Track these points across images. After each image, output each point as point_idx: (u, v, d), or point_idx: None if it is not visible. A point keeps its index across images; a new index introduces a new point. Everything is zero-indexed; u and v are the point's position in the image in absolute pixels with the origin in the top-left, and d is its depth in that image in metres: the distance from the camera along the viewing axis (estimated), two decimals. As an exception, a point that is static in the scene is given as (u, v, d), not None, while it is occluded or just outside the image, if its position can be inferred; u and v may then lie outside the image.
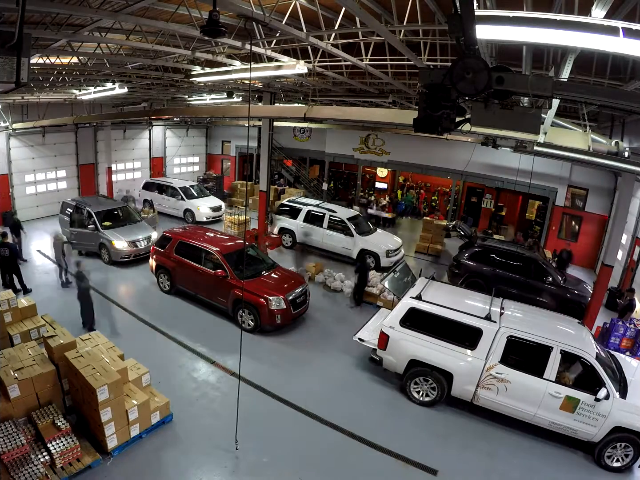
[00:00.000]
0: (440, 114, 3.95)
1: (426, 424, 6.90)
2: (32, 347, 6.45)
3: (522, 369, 6.54)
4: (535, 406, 6.39)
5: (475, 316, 6.96)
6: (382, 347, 7.42)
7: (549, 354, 6.42)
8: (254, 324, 9.15)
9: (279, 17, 5.77)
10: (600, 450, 6.18)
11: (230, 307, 9.48)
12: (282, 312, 9.00)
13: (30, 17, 6.20)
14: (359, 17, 5.13)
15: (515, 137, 8.23)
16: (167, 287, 10.82)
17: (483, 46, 5.22)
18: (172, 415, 6.49)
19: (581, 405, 6.13)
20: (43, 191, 17.37)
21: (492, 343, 6.68)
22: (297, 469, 5.80)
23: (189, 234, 11.02)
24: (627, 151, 6.90)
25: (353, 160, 21.16)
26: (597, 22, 3.47)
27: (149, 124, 21.20)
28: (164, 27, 6.36)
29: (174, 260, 10.51)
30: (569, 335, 6.82)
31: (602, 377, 6.10)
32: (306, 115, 9.01)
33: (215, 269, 9.70)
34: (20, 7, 3.08)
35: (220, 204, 18.22)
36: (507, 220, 19.93)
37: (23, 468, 5.00)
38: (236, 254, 9.99)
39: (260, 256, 10.87)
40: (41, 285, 10.97)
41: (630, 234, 12.09)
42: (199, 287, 10.14)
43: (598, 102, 4.60)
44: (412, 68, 8.90)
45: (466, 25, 3.17)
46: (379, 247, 13.05)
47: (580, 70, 6.76)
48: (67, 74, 11.00)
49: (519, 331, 6.67)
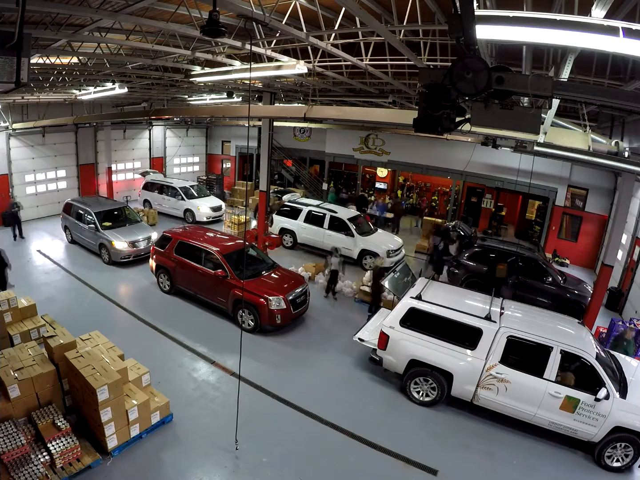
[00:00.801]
0: (440, 114, 3.95)
1: (426, 424, 6.90)
2: (32, 347, 6.45)
3: (522, 369, 6.54)
4: (535, 406, 6.39)
5: (475, 316, 6.96)
6: (382, 347, 7.42)
7: (549, 354, 6.42)
8: (254, 324, 9.15)
9: (279, 17, 5.77)
10: (600, 450, 6.19)
11: (230, 307, 9.47)
12: (282, 312, 8.99)
13: (30, 17, 6.20)
14: (359, 17, 5.12)
15: (515, 137, 8.22)
16: (167, 287, 10.82)
17: (483, 46, 5.22)
18: (172, 415, 6.49)
19: (581, 405, 6.13)
20: (43, 191, 17.37)
21: (492, 343, 6.68)
22: (297, 469, 5.80)
23: (189, 234, 11.02)
24: (627, 151, 6.89)
25: (353, 160, 21.16)
26: (597, 22, 3.47)
27: (149, 124, 21.21)
28: (164, 27, 6.35)
29: (174, 260, 10.51)
30: (569, 335, 6.82)
31: (602, 377, 6.10)
32: (306, 115, 9.01)
33: (215, 269, 9.70)
34: (20, 7, 3.08)
35: (221, 204, 18.22)
36: (507, 220, 19.94)
37: (23, 468, 5.00)
38: (236, 254, 9.99)
39: (260, 256, 10.86)
40: (41, 285, 10.98)
41: (630, 234, 12.09)
42: (199, 287, 10.15)
43: (598, 102, 4.60)
44: (412, 68, 8.90)
45: (466, 25, 3.17)
46: (379, 247, 13.06)
47: (580, 70, 6.76)
48: (67, 74, 11.00)
49: (519, 331, 6.67)
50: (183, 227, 12.04)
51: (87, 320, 8.82)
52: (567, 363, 6.58)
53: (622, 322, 9.14)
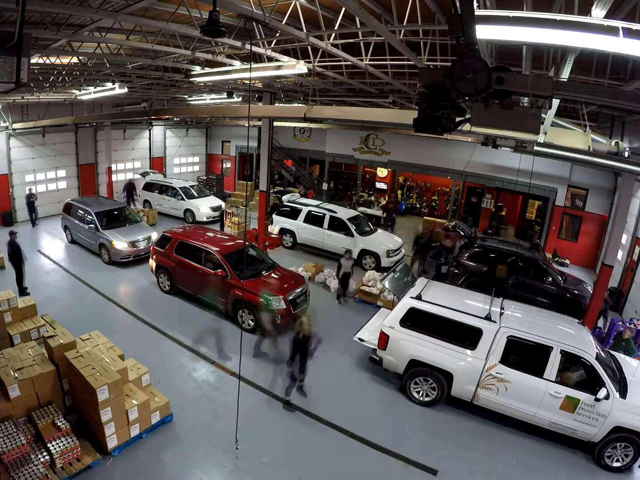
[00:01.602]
0: (440, 114, 3.95)
1: (426, 424, 6.90)
2: (32, 347, 6.45)
3: (521, 369, 6.54)
4: (535, 406, 6.39)
5: (475, 316, 6.95)
6: (382, 347, 7.42)
7: (549, 353, 6.42)
8: (254, 324, 9.15)
9: (279, 17, 5.77)
10: (600, 450, 6.18)
11: (231, 307, 9.47)
12: (282, 312, 8.99)
13: (30, 17, 6.20)
14: (359, 17, 5.12)
15: (515, 137, 8.22)
16: (167, 287, 10.82)
17: (483, 46, 5.21)
18: (172, 415, 6.49)
19: (581, 405, 6.13)
20: (43, 191, 17.34)
21: (492, 343, 6.68)
22: (297, 469, 5.80)
23: (189, 234, 11.01)
24: (627, 151, 6.89)
25: (353, 160, 21.15)
26: (597, 22, 3.47)
27: (149, 123, 21.18)
28: (164, 27, 6.35)
29: (174, 260, 10.51)
30: (569, 335, 6.81)
31: (602, 377, 6.10)
32: (306, 115, 9.01)
33: (215, 269, 9.70)
34: (20, 7, 3.08)
35: (221, 204, 18.21)
36: (507, 220, 19.93)
37: (23, 468, 5.00)
38: (236, 254, 9.98)
39: (260, 256, 10.86)
40: (41, 285, 10.97)
41: (630, 234, 12.09)
42: (199, 287, 10.15)
43: (598, 102, 4.60)
44: (412, 68, 8.89)
45: (466, 25, 3.17)
46: (379, 247, 13.06)
47: (580, 70, 6.76)
48: (67, 74, 11.00)
49: (519, 331, 6.66)
50: (183, 227, 12.05)
51: (87, 320, 8.82)
52: (567, 363, 6.59)
53: (622, 322, 9.14)
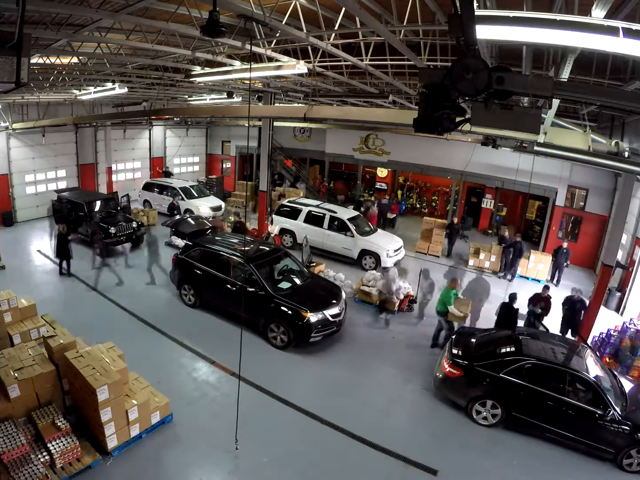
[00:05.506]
0: (440, 114, 3.93)
1: (426, 424, 6.90)
2: (32, 347, 6.45)
3: None
4: None
5: None
6: None
7: None
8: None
9: (279, 17, 5.76)
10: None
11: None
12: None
13: (30, 17, 6.18)
14: (359, 17, 5.11)
15: (515, 137, 8.21)
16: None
17: (483, 46, 5.21)
18: (172, 415, 6.49)
19: None
20: (43, 191, 17.34)
21: None
22: (297, 469, 5.80)
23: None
24: (627, 151, 6.88)
25: (353, 160, 21.14)
26: (597, 22, 3.47)
27: (149, 123, 21.15)
28: (164, 27, 6.34)
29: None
30: None
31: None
32: (306, 115, 9.01)
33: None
34: (20, 7, 3.08)
35: (221, 204, 18.22)
36: (507, 220, 19.91)
37: (23, 468, 5.00)
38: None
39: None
40: (41, 285, 10.97)
41: (630, 234, 12.09)
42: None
43: (598, 102, 4.60)
44: (412, 68, 8.89)
45: (466, 25, 3.16)
46: (379, 247, 13.06)
47: (580, 70, 6.75)
48: (67, 74, 10.99)
49: None
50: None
51: (87, 320, 8.82)
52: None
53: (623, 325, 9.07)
